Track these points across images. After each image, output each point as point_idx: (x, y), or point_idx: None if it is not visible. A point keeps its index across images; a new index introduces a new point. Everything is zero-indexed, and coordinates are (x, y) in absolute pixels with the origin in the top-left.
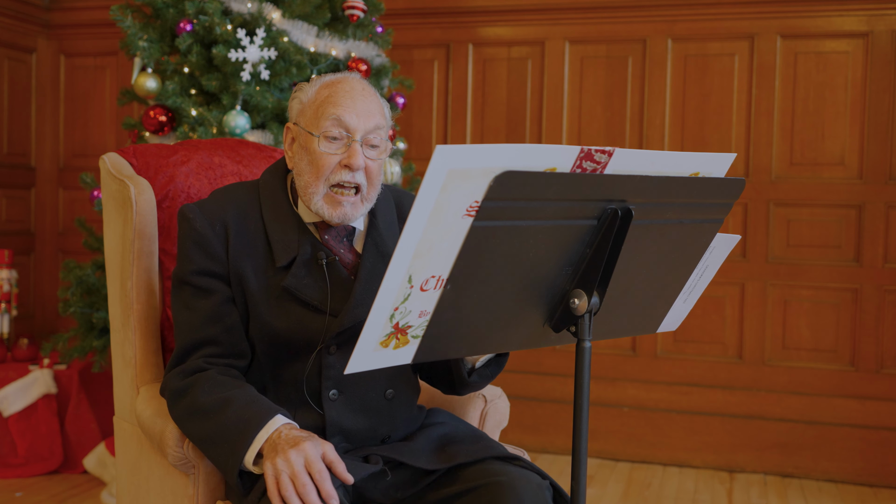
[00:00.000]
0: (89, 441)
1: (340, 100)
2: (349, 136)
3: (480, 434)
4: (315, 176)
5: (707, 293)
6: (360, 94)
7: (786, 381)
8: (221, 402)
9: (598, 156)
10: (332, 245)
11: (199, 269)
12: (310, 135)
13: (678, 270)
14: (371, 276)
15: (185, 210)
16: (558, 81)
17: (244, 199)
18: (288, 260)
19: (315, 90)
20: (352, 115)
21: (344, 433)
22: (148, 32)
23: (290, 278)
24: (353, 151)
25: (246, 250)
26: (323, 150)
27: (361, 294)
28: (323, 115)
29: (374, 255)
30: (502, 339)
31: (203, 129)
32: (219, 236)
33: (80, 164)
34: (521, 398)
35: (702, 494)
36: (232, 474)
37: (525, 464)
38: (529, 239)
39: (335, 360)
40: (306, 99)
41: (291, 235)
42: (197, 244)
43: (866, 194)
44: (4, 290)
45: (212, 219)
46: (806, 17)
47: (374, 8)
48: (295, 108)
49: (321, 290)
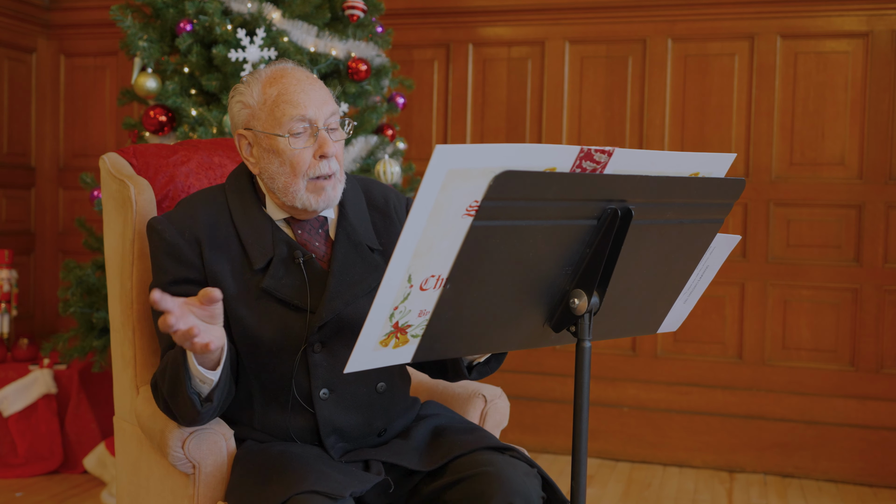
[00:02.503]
0: (89, 441)
1: (293, 94)
2: (313, 127)
3: (474, 426)
4: (293, 175)
5: (707, 293)
6: (309, 84)
7: (786, 381)
8: (164, 366)
9: (598, 156)
10: (308, 240)
11: (175, 279)
12: (274, 136)
13: (678, 271)
14: (343, 266)
15: (153, 223)
16: (558, 81)
17: (212, 206)
18: (265, 261)
19: (260, 90)
20: (308, 104)
21: (338, 432)
22: (148, 32)
23: (269, 279)
24: (323, 140)
25: (220, 256)
26: (294, 148)
27: (336, 286)
28: (281, 114)
29: (346, 245)
30: (502, 338)
31: (203, 129)
32: (190, 243)
33: (80, 164)
34: (521, 398)
35: (702, 494)
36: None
37: (516, 454)
38: (529, 239)
39: (321, 359)
40: (253, 101)
41: (265, 236)
42: (169, 254)
43: (866, 194)
44: (4, 290)
45: (181, 228)
46: (806, 17)
47: (374, 8)
48: (242, 114)
49: (300, 289)
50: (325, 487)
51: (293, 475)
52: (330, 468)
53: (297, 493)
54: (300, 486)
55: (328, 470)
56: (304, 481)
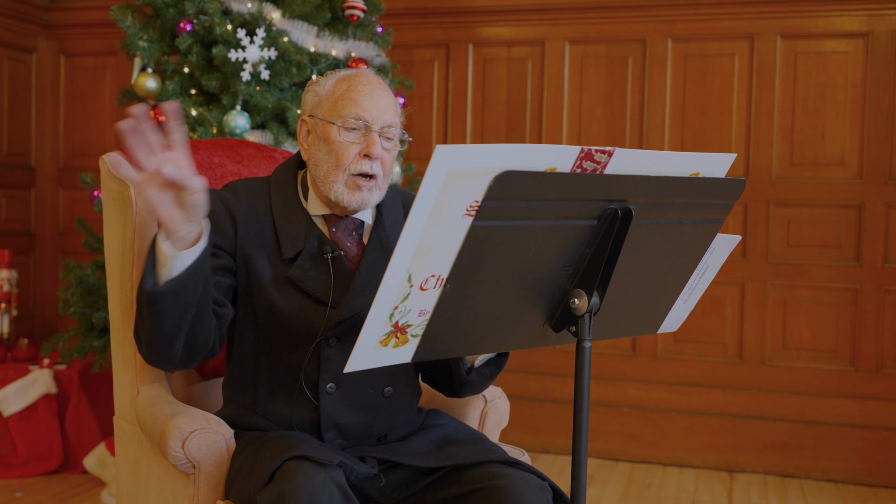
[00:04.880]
0: (89, 441)
1: (359, 92)
2: (367, 127)
3: (480, 436)
4: (335, 165)
5: (707, 293)
6: (378, 89)
7: (786, 381)
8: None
9: (598, 156)
10: (340, 238)
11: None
12: (329, 124)
13: (678, 271)
14: (372, 269)
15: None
16: (558, 81)
17: (255, 192)
18: (294, 252)
19: (333, 83)
20: (370, 107)
21: (339, 428)
22: (148, 32)
23: (295, 269)
24: (372, 141)
25: (254, 239)
26: (343, 140)
27: (361, 286)
28: (342, 107)
29: (378, 249)
30: (502, 338)
31: (203, 129)
32: (229, 216)
33: (80, 164)
34: (521, 398)
35: (702, 494)
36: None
37: (525, 466)
38: (529, 239)
39: (335, 353)
40: (323, 92)
41: (299, 229)
42: (208, 219)
43: (866, 194)
44: (4, 290)
45: (224, 200)
46: (806, 17)
47: (374, 8)
48: (310, 101)
49: (324, 283)
50: (316, 454)
51: (285, 446)
52: (323, 445)
53: (288, 458)
54: (291, 452)
55: (320, 445)
56: (295, 449)
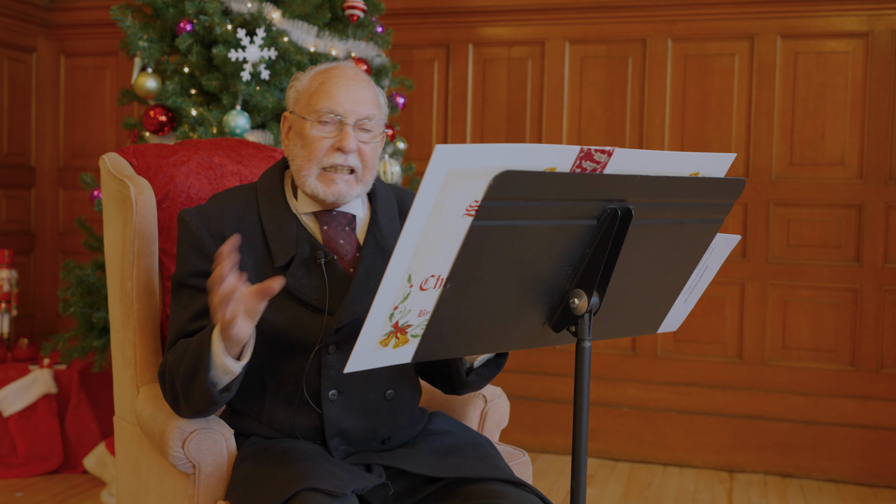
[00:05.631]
0: (89, 441)
1: (332, 85)
2: (341, 121)
3: (487, 448)
4: (307, 158)
5: (707, 293)
6: (353, 80)
7: (786, 381)
8: (181, 353)
9: (598, 156)
10: (333, 236)
11: (195, 271)
12: (303, 119)
13: (678, 270)
14: (369, 272)
15: (182, 214)
16: (558, 81)
17: (241, 202)
18: (286, 260)
19: (309, 78)
20: (343, 100)
21: (343, 434)
22: (148, 32)
23: (289, 278)
24: (345, 134)
25: (244, 251)
26: (314, 134)
27: (358, 290)
28: (316, 101)
29: (374, 250)
30: (502, 338)
31: (203, 129)
32: (214, 238)
33: (80, 164)
34: (521, 398)
35: (702, 494)
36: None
37: (528, 488)
38: (529, 239)
39: (334, 360)
40: (301, 87)
41: (289, 234)
42: (193, 247)
43: (866, 194)
44: (4, 290)
45: (208, 222)
46: (806, 17)
47: (374, 8)
48: (291, 97)
49: (319, 289)
50: (328, 485)
51: (295, 472)
52: (332, 465)
53: (300, 489)
54: (302, 482)
55: (330, 467)
56: (306, 478)
